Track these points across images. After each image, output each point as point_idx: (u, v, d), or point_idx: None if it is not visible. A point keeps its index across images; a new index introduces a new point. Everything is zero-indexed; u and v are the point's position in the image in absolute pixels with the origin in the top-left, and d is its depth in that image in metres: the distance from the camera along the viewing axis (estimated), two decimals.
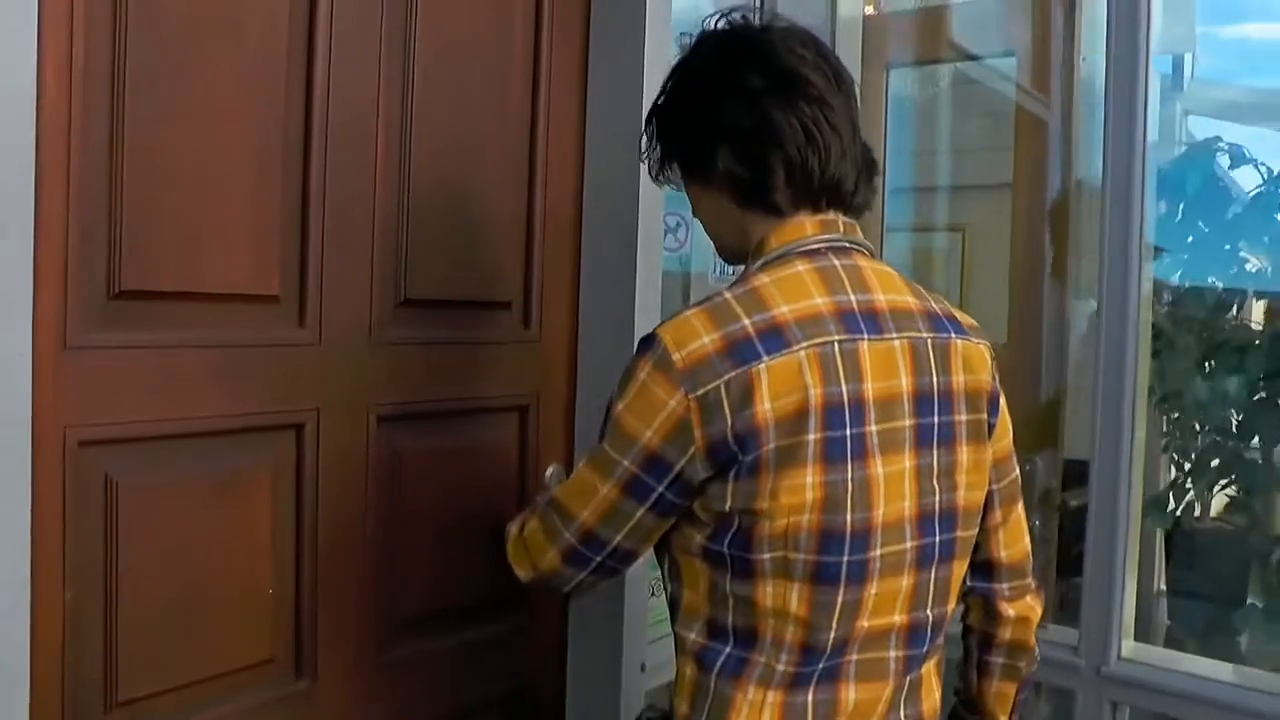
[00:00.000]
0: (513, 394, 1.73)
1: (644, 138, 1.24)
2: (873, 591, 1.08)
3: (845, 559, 1.06)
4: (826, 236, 1.12)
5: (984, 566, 1.25)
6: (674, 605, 1.17)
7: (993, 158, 2.86)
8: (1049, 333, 2.30)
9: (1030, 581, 1.28)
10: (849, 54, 2.46)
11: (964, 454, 1.13)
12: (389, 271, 1.54)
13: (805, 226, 1.12)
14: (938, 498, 1.11)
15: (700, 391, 1.03)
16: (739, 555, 1.07)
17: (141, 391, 1.28)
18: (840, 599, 1.06)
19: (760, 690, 1.10)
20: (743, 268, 1.16)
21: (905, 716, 1.16)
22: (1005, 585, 1.25)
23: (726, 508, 1.06)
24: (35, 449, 1.14)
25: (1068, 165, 2.35)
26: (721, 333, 1.04)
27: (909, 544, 1.09)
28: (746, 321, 1.04)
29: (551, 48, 1.72)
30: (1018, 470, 1.24)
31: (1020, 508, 1.26)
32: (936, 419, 1.10)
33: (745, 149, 1.11)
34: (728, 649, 1.11)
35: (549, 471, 1.78)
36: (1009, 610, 1.25)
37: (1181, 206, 2.88)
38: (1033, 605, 1.28)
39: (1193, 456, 2.96)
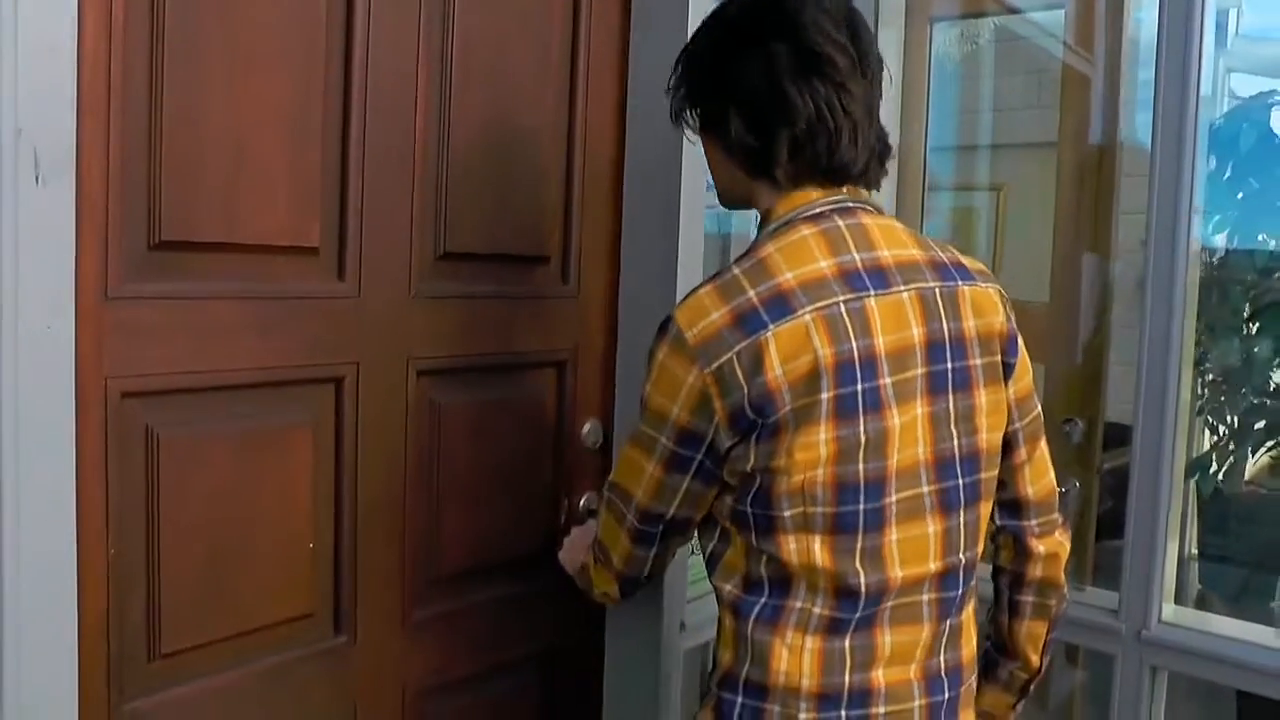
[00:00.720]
0: (551, 349, 1.73)
1: (671, 76, 1.24)
2: (893, 538, 1.12)
3: (861, 507, 1.10)
4: (831, 200, 1.15)
5: (1011, 504, 1.27)
6: (712, 560, 1.21)
7: (1032, 115, 2.81)
8: (1091, 293, 2.26)
9: (1057, 517, 1.30)
10: (892, 6, 2.41)
11: (982, 397, 1.16)
12: (428, 224, 1.54)
13: (810, 193, 1.15)
14: (957, 442, 1.14)
15: (714, 366, 1.08)
16: (761, 513, 1.12)
17: (182, 343, 1.28)
18: (859, 545, 1.11)
19: (799, 635, 1.14)
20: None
21: (945, 661, 1.19)
22: (1034, 522, 1.27)
23: (748, 468, 1.11)
24: (79, 401, 1.14)
25: (1112, 124, 2.30)
26: (729, 307, 1.09)
27: (926, 489, 1.12)
28: (752, 293, 1.09)
29: (592, 2, 1.71)
30: (1039, 407, 1.26)
31: (1044, 444, 1.28)
32: (950, 365, 1.13)
33: (755, 118, 1.13)
34: (763, 599, 1.15)
35: (586, 427, 1.79)
36: (1039, 547, 1.28)
37: (1232, 164, 2.81)
38: (1061, 541, 1.30)
39: (1229, 419, 2.92)
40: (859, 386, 1.08)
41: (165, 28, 1.22)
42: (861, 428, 1.08)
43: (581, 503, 1.78)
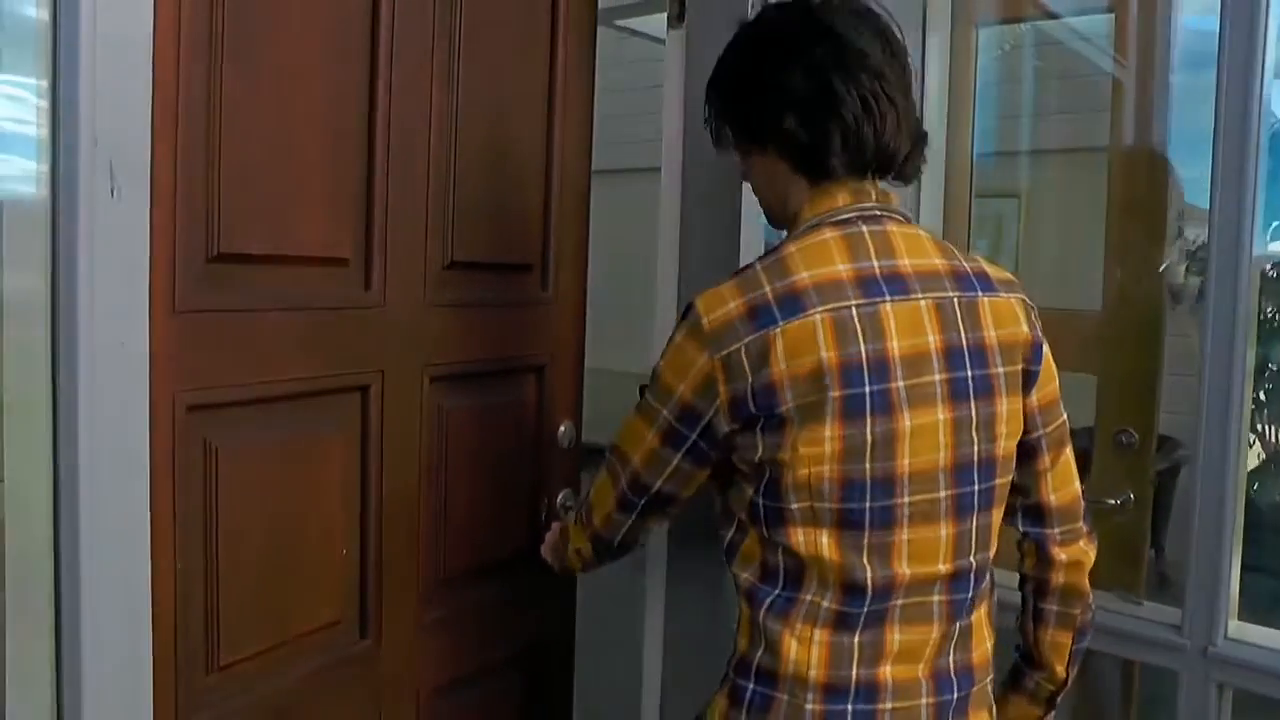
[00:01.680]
0: (533, 353, 1.80)
1: (705, 106, 1.30)
2: (904, 538, 1.14)
3: (868, 505, 1.13)
4: (859, 206, 1.17)
5: (1035, 511, 1.28)
6: (730, 549, 1.25)
7: (1056, 122, 2.77)
8: (1144, 303, 2.22)
9: (1082, 526, 1.30)
10: (938, 12, 2.39)
11: (1003, 405, 1.18)
12: (439, 235, 1.57)
13: (838, 198, 1.18)
14: (977, 448, 1.16)
15: (724, 353, 1.12)
16: (771, 505, 1.16)
17: (235, 355, 1.29)
18: (867, 542, 1.13)
19: (808, 628, 1.17)
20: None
21: (955, 661, 1.20)
22: (1057, 530, 1.28)
23: (757, 459, 1.15)
24: (152, 415, 1.13)
25: (1161, 129, 2.27)
26: (745, 299, 1.13)
27: (943, 493, 1.15)
28: (768, 289, 1.12)
29: (566, 42, 1.79)
30: (1064, 414, 1.27)
31: (1068, 451, 1.28)
32: (970, 373, 1.15)
33: (808, 114, 1.16)
34: (776, 590, 1.18)
35: (561, 429, 1.86)
36: (1061, 555, 1.28)
37: None
38: (1086, 550, 1.30)
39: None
40: (867, 389, 1.11)
41: (224, 44, 1.22)
42: (868, 428, 1.11)
43: (559, 500, 1.84)
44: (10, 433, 1.08)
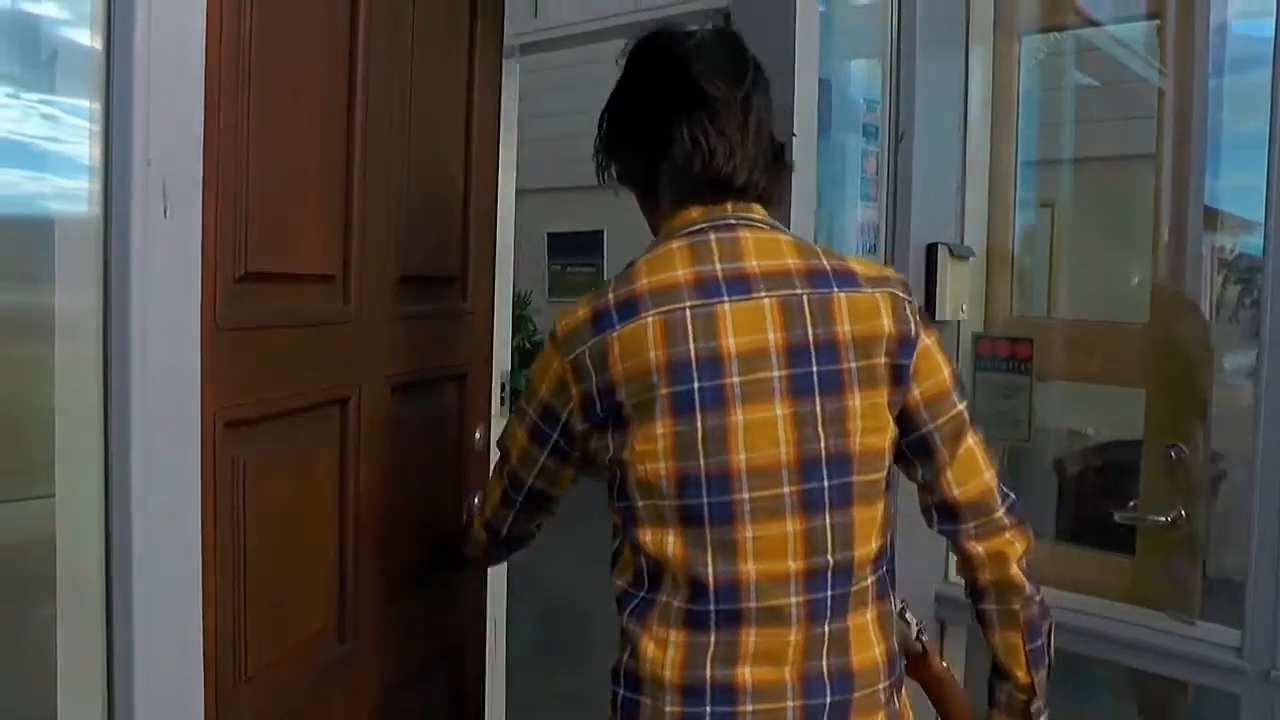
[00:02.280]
0: (457, 362, 1.88)
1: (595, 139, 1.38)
2: (749, 534, 1.16)
3: (705, 501, 1.16)
4: (711, 218, 1.24)
5: (943, 509, 1.28)
6: (614, 559, 1.28)
7: (1086, 130, 2.74)
8: (1192, 317, 2.18)
9: (1001, 518, 1.26)
10: (981, 22, 2.36)
11: (856, 400, 1.18)
12: (394, 251, 1.62)
13: (692, 213, 1.25)
14: (824, 444, 1.17)
15: (571, 356, 1.21)
16: (625, 505, 1.22)
17: (258, 370, 1.31)
18: (710, 539, 1.17)
19: (664, 629, 1.20)
20: None
21: (830, 664, 1.18)
22: (970, 525, 1.26)
23: (608, 459, 1.22)
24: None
25: (1200, 138, 2.22)
26: (591, 307, 1.22)
27: (787, 489, 1.16)
28: (610, 296, 1.21)
29: (479, 84, 1.94)
30: (960, 406, 1.26)
31: (970, 442, 1.26)
32: (816, 368, 1.17)
33: (644, 151, 1.28)
34: (641, 593, 1.23)
35: (477, 434, 1.95)
36: (978, 549, 1.26)
37: None
38: (1011, 540, 1.26)
39: None
40: (695, 385, 1.15)
41: (251, 75, 1.24)
42: (699, 423, 1.15)
43: (475, 501, 1.85)
44: (63, 448, 1.09)
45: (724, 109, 1.23)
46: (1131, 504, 2.18)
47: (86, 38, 1.06)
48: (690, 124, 1.22)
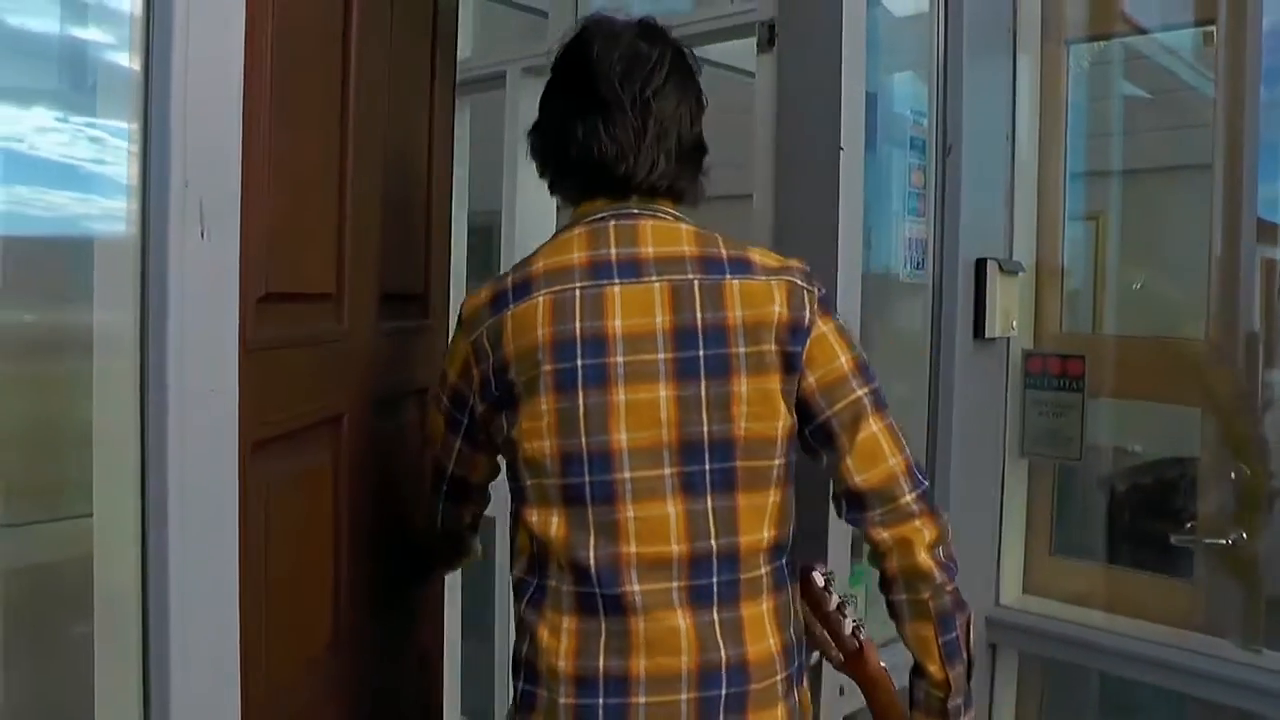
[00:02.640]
0: (423, 377, 1.82)
1: None
2: (630, 514, 1.17)
3: (587, 479, 1.18)
4: (615, 208, 1.28)
5: (848, 497, 1.25)
6: (512, 550, 1.30)
7: (1134, 141, 2.67)
8: (1247, 333, 2.12)
9: (908, 504, 1.22)
10: (1028, 30, 2.32)
11: (743, 386, 1.19)
12: (376, 268, 1.60)
13: (598, 204, 1.29)
14: (707, 428, 1.18)
15: (473, 337, 1.26)
16: (515, 486, 1.25)
17: (275, 391, 1.28)
18: (592, 520, 1.18)
19: (556, 615, 1.21)
20: None
21: (727, 655, 1.18)
22: (875, 512, 1.23)
23: (501, 439, 1.25)
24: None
25: (1254, 149, 2.16)
26: (491, 290, 1.27)
27: (668, 470, 1.18)
28: (509, 279, 1.26)
29: (439, 110, 1.94)
30: (860, 392, 1.23)
31: (872, 429, 1.23)
32: (702, 352, 1.18)
33: (548, 148, 1.33)
34: (535, 580, 1.24)
35: None
36: (884, 535, 1.22)
37: None
38: (918, 528, 1.22)
39: None
40: (579, 362, 1.18)
41: (271, 92, 1.22)
42: (581, 400, 1.18)
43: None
44: (100, 467, 1.09)
45: (619, 112, 1.25)
46: (1188, 525, 2.11)
47: (126, 59, 1.06)
48: (585, 126, 1.26)
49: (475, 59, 2.82)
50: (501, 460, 1.33)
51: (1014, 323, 2.27)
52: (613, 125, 1.25)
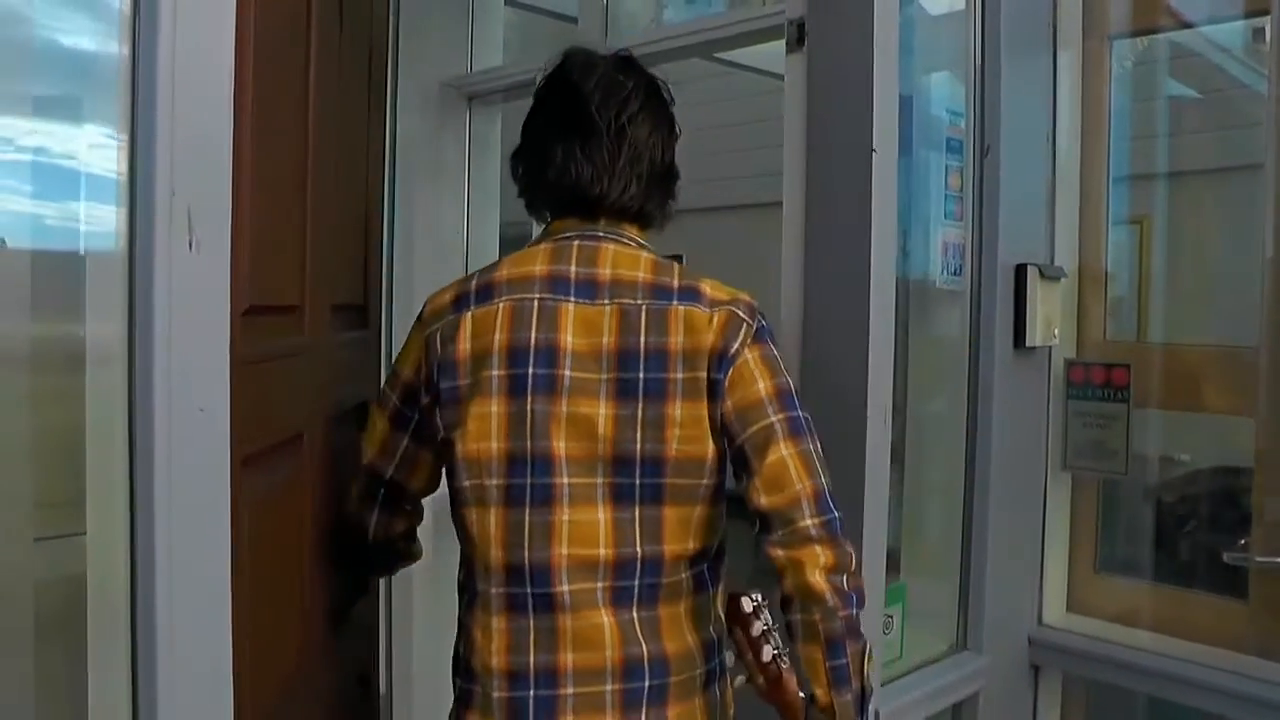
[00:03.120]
0: (363, 388, 1.80)
1: None
2: (565, 518, 1.25)
3: (529, 481, 1.25)
4: (582, 229, 1.35)
5: (756, 516, 1.27)
6: (461, 560, 1.37)
7: (1179, 142, 2.57)
8: None
9: (807, 528, 1.23)
10: (1069, 26, 2.23)
11: (677, 409, 1.25)
12: (330, 281, 1.57)
13: (568, 224, 1.37)
14: (640, 446, 1.25)
15: (429, 331, 1.33)
16: (452, 486, 1.31)
17: (255, 407, 1.24)
18: (528, 519, 1.25)
19: (486, 615, 1.29)
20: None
21: (649, 651, 1.26)
22: (776, 533, 1.24)
23: (440, 437, 1.31)
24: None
25: None
26: (455, 291, 1.34)
27: (601, 479, 1.25)
28: (473, 282, 1.33)
29: (377, 134, 2.03)
30: (775, 418, 1.26)
31: (781, 453, 1.25)
32: (643, 375, 1.25)
33: (525, 174, 1.41)
34: (473, 584, 1.32)
35: None
36: (779, 554, 1.24)
37: None
38: (815, 552, 1.23)
39: None
40: (530, 370, 1.25)
41: (254, 94, 1.18)
42: (529, 405, 1.25)
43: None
44: (92, 485, 1.04)
45: (595, 137, 1.33)
46: (1242, 542, 2.01)
47: (115, 64, 1.01)
48: (564, 148, 1.34)
49: (507, 67, 2.77)
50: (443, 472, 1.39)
51: (1055, 331, 2.18)
52: (589, 148, 1.33)
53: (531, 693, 1.26)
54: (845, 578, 1.23)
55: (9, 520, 0.95)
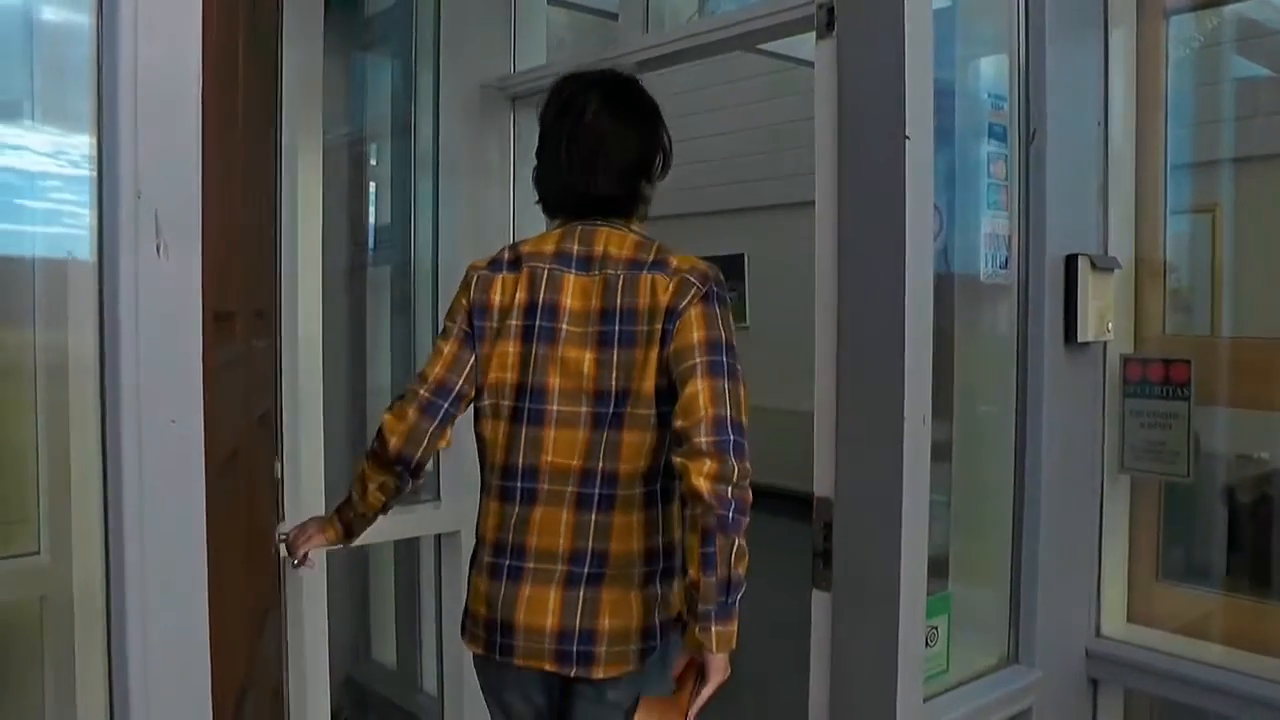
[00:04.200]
0: (264, 403, 1.89)
1: None
2: (551, 435, 1.61)
3: (528, 406, 1.62)
4: (583, 220, 1.70)
5: (671, 436, 1.56)
6: None
7: (1248, 126, 2.41)
8: None
9: (701, 444, 1.50)
10: (1123, 2, 2.12)
11: (642, 354, 1.59)
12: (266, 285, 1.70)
13: (572, 218, 1.72)
14: (615, 384, 1.59)
15: (472, 280, 1.70)
16: (477, 404, 1.68)
17: (228, 409, 1.28)
18: (525, 433, 1.62)
19: (487, 500, 1.69)
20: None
21: (593, 546, 1.60)
22: (679, 447, 1.52)
23: (469, 366, 1.68)
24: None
25: None
26: (490, 258, 1.72)
27: (584, 408, 1.60)
28: (506, 252, 1.72)
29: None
30: (699, 359, 1.55)
31: (697, 386, 1.53)
32: (618, 328, 1.61)
33: (541, 182, 1.75)
34: (484, 477, 1.70)
35: (277, 469, 2.10)
36: (678, 461, 1.52)
37: None
38: (702, 462, 1.49)
39: None
40: (538, 322, 1.63)
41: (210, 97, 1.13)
42: (534, 350, 1.63)
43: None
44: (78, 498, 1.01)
45: (594, 141, 1.66)
46: None
47: (85, 64, 0.98)
48: (568, 148, 1.67)
49: (551, 65, 2.73)
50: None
51: (1109, 325, 2.06)
52: (583, 149, 1.67)
53: (506, 561, 1.63)
54: (729, 487, 1.48)
55: None
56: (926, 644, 1.71)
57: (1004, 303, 2.07)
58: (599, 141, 1.66)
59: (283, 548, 1.85)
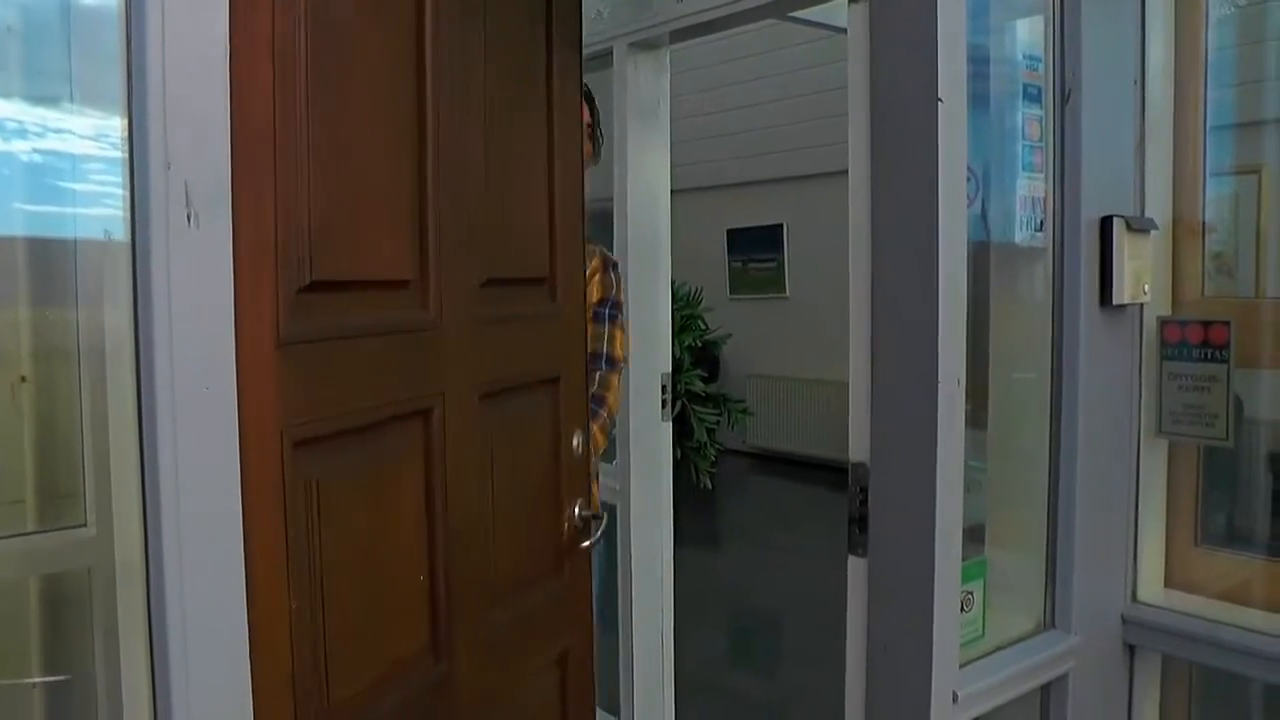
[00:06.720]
0: (550, 366, 1.81)
1: None
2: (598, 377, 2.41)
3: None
4: None
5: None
6: None
7: None
8: None
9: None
10: None
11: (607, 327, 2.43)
12: (475, 255, 1.54)
13: None
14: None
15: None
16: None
17: (329, 385, 1.22)
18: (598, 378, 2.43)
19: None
20: None
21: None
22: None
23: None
24: (249, 462, 1.04)
25: None
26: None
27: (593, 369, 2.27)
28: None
29: (558, 84, 1.84)
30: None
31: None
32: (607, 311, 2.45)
33: None
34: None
35: (575, 440, 1.92)
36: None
37: None
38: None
39: None
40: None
41: (309, 79, 1.15)
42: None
43: (575, 510, 1.87)
44: (112, 474, 1.02)
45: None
46: None
47: (114, 37, 0.98)
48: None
49: (586, 40, 2.76)
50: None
51: (1146, 287, 2.03)
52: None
53: None
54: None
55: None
56: (962, 609, 1.70)
57: (1039, 266, 2.04)
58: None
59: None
